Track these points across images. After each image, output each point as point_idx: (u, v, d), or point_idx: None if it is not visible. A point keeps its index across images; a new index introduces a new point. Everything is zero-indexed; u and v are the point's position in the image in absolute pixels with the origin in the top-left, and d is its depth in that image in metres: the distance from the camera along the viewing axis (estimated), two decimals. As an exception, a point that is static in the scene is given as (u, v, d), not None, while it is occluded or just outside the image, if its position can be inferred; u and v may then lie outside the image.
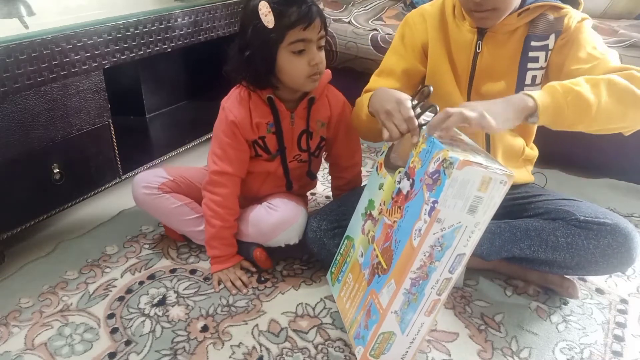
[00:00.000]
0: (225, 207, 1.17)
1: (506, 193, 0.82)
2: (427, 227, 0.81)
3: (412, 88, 1.18)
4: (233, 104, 1.15)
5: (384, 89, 1.03)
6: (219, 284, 1.19)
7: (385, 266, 0.90)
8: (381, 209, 0.97)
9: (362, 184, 1.37)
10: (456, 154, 0.79)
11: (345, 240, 1.10)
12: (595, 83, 0.91)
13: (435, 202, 0.80)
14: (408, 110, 0.91)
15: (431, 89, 0.93)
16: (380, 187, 1.00)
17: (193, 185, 1.29)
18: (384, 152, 1.03)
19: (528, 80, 1.09)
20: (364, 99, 1.12)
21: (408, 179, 0.89)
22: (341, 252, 1.11)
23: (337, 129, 1.24)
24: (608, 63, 0.98)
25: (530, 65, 1.08)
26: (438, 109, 0.89)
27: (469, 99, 1.13)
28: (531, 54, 1.07)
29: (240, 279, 1.19)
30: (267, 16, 1.01)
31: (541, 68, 1.08)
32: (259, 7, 1.02)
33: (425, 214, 0.82)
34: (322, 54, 1.09)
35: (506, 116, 0.88)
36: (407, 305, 0.89)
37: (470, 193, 0.80)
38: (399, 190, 0.92)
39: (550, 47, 1.06)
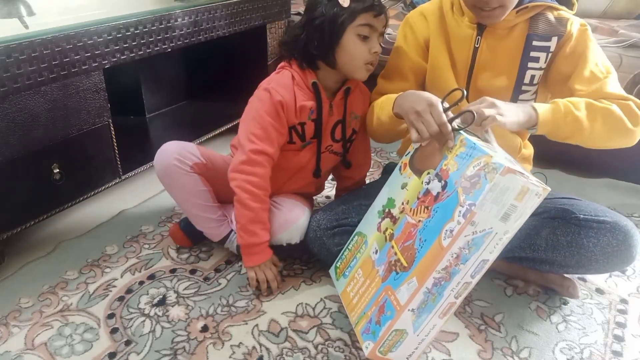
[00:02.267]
0: (262, 189, 1.13)
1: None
2: (460, 229, 0.83)
3: (420, 86, 1.21)
4: (278, 85, 1.14)
5: (413, 90, 1.04)
6: (255, 282, 1.16)
7: (405, 264, 0.91)
8: (403, 207, 0.98)
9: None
10: (500, 160, 0.81)
11: (356, 236, 1.10)
12: (594, 110, 1.00)
13: (472, 204, 0.82)
14: (441, 114, 0.92)
15: (464, 92, 0.93)
16: (404, 186, 1.00)
17: (218, 175, 1.25)
18: (409, 152, 1.03)
19: (527, 80, 1.10)
20: (385, 100, 1.12)
21: (439, 181, 0.90)
22: (349, 247, 1.10)
23: (362, 124, 1.25)
24: (608, 87, 1.04)
25: (530, 64, 1.09)
26: (475, 115, 0.91)
27: (467, 96, 1.14)
28: (532, 54, 1.08)
29: (276, 279, 1.17)
30: None
31: (540, 69, 1.09)
32: None
33: (459, 216, 0.84)
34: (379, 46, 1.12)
35: (517, 121, 0.96)
36: (424, 305, 0.89)
37: (507, 200, 0.81)
38: (428, 191, 0.93)
39: (552, 49, 1.07)
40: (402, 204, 0.98)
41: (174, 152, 1.20)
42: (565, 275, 1.17)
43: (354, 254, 1.08)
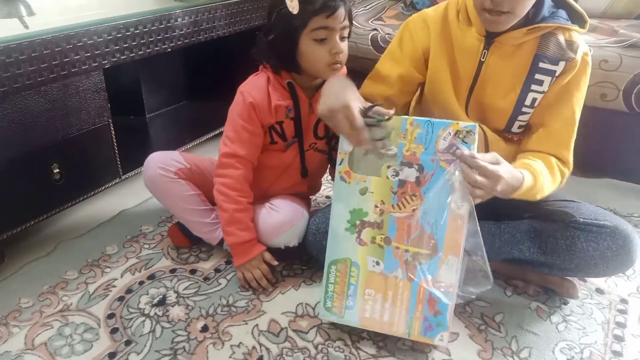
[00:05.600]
0: (236, 190, 1.15)
1: None
2: (467, 191, 0.91)
3: (406, 95, 1.18)
4: (252, 87, 1.16)
5: (337, 81, 1.03)
6: (245, 281, 1.18)
7: (428, 251, 0.95)
8: (381, 209, 0.98)
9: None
10: (467, 122, 0.92)
11: (332, 266, 1.03)
12: (553, 188, 1.05)
13: None
14: (356, 119, 0.92)
15: (382, 103, 0.97)
16: (364, 192, 0.99)
17: (205, 177, 1.28)
18: (343, 160, 1.00)
19: (528, 102, 1.07)
20: None
21: (410, 167, 0.95)
22: (332, 281, 1.03)
23: None
24: (567, 151, 1.07)
25: (533, 87, 1.05)
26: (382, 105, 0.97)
27: (466, 109, 1.11)
28: (537, 76, 1.04)
29: (265, 278, 1.18)
30: (292, 1, 1.03)
31: (542, 92, 1.06)
32: None
33: (461, 183, 0.91)
34: (345, 44, 1.10)
35: (508, 193, 0.96)
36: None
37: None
38: (403, 182, 0.96)
39: (557, 74, 1.04)
40: (377, 206, 0.98)
41: (157, 161, 1.24)
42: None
43: (346, 283, 1.02)
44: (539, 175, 1.00)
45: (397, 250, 0.98)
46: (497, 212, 1.15)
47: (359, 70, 1.90)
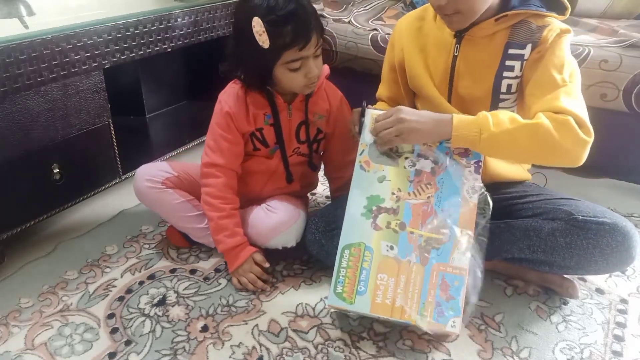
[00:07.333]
0: (218, 197, 1.17)
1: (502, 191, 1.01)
2: (479, 182, 1.01)
3: (403, 95, 1.26)
4: (229, 96, 1.16)
5: None
6: (241, 286, 1.18)
7: (440, 237, 1.00)
8: (398, 196, 1.04)
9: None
10: None
11: (346, 250, 1.03)
12: (518, 126, 0.97)
13: (478, 161, 1.03)
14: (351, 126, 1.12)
15: (365, 104, 1.09)
16: (382, 180, 1.04)
17: (195, 183, 1.28)
18: (363, 150, 1.07)
19: (503, 89, 1.08)
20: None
21: (426, 159, 1.05)
22: (345, 265, 1.03)
23: (335, 124, 1.25)
24: (561, 99, 0.97)
25: (506, 73, 1.07)
26: (365, 104, 1.09)
27: (449, 101, 1.15)
28: (508, 63, 1.07)
29: (259, 279, 1.17)
30: (261, 36, 1.00)
31: (516, 77, 1.07)
32: (253, 24, 1.00)
33: (472, 174, 1.02)
34: (319, 60, 1.09)
35: (425, 137, 1.03)
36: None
37: None
38: (419, 171, 1.04)
39: (526, 57, 1.05)
40: (393, 193, 1.04)
41: (144, 174, 1.26)
42: (565, 275, 1.17)
43: (359, 267, 1.02)
44: (485, 114, 0.99)
45: (412, 235, 1.01)
46: (497, 212, 1.15)
47: (360, 70, 1.91)
